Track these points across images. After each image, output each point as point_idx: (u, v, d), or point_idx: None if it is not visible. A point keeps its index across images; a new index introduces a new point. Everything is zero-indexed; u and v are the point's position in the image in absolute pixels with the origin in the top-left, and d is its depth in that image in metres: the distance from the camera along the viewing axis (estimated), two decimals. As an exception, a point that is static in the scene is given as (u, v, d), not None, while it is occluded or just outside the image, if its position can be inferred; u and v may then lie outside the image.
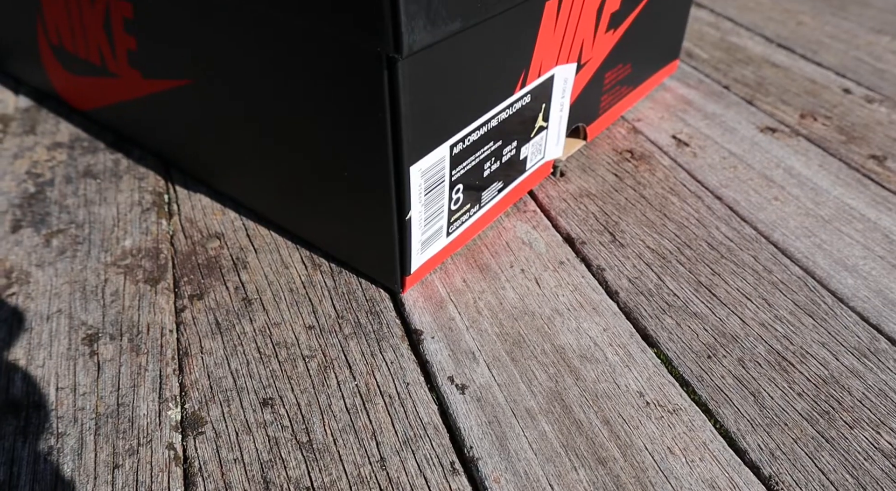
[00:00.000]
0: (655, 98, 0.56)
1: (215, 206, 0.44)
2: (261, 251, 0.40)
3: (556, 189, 0.45)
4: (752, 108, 0.55)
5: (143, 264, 0.39)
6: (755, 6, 0.74)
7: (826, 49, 0.64)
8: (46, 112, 0.53)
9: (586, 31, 0.42)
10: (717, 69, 0.61)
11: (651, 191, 0.45)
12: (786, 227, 0.42)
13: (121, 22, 0.41)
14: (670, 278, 0.38)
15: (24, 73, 0.56)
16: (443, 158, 0.34)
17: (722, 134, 0.51)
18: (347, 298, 0.37)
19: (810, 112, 0.54)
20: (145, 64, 0.42)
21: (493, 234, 0.42)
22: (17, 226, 0.42)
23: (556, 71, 0.41)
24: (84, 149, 0.49)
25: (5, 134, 0.51)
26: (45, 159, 0.48)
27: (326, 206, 0.37)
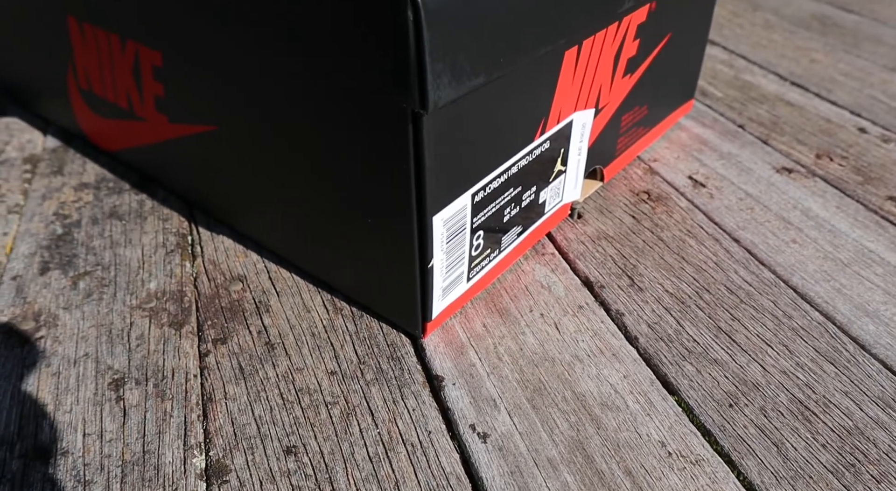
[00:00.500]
0: (671, 138, 0.57)
1: (238, 248, 0.44)
2: (283, 294, 0.40)
3: (574, 231, 0.46)
4: (767, 148, 0.55)
5: (167, 307, 0.39)
6: (768, 43, 0.75)
7: (840, 87, 0.65)
8: (73, 152, 0.55)
9: (604, 77, 0.42)
10: (732, 108, 0.61)
11: (668, 233, 0.46)
12: (805, 270, 0.42)
13: (150, 69, 0.42)
14: (690, 323, 0.39)
15: (52, 114, 0.57)
16: (464, 207, 0.35)
17: (738, 174, 0.52)
18: (369, 343, 0.37)
19: (826, 152, 0.54)
20: (172, 109, 0.43)
21: (513, 278, 0.42)
22: (45, 268, 0.42)
23: (575, 117, 0.41)
24: (110, 189, 0.50)
25: (34, 174, 0.52)
26: (72, 200, 0.49)
27: (348, 252, 0.37)
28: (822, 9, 0.85)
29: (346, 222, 0.36)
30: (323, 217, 0.38)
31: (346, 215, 0.36)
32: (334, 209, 0.36)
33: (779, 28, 0.79)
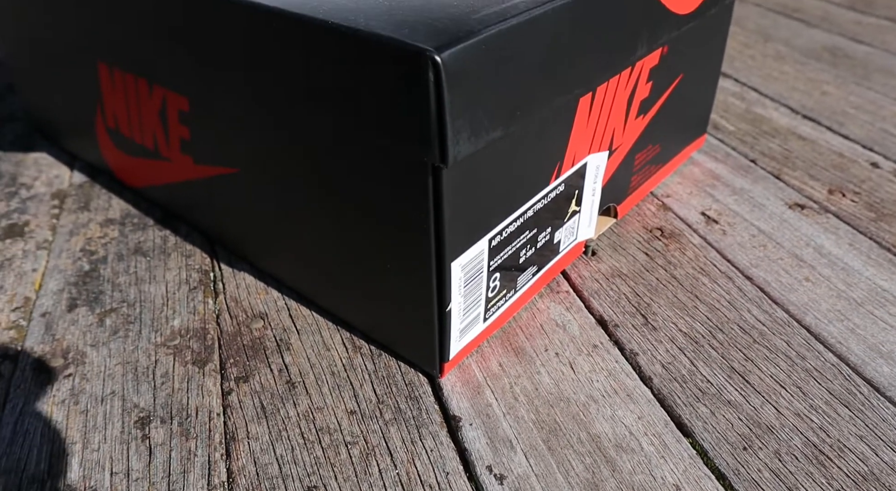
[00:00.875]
0: (684, 173, 0.57)
1: (259, 285, 0.45)
2: (303, 332, 0.41)
3: (588, 269, 0.47)
4: (779, 184, 0.56)
5: (191, 345, 0.40)
6: (779, 75, 0.76)
7: (852, 120, 0.65)
8: (99, 188, 0.56)
9: (617, 120, 0.43)
10: (744, 142, 0.62)
11: (682, 271, 0.46)
12: (818, 310, 0.43)
13: (176, 114, 0.44)
14: (703, 364, 0.39)
15: (79, 150, 0.59)
16: (482, 251, 0.35)
17: (751, 211, 0.52)
18: (387, 382, 0.38)
19: (838, 187, 0.55)
20: (197, 151, 0.44)
21: (528, 316, 0.43)
22: (73, 305, 0.44)
23: (589, 159, 0.42)
24: (134, 225, 0.51)
25: (61, 210, 0.53)
26: (98, 236, 0.50)
27: (367, 293, 0.38)
28: (833, 40, 0.85)
29: (365, 265, 0.37)
30: (342, 259, 0.39)
31: (366, 259, 0.37)
32: (354, 253, 0.37)
33: (790, 59, 0.80)
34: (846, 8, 0.97)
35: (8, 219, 0.52)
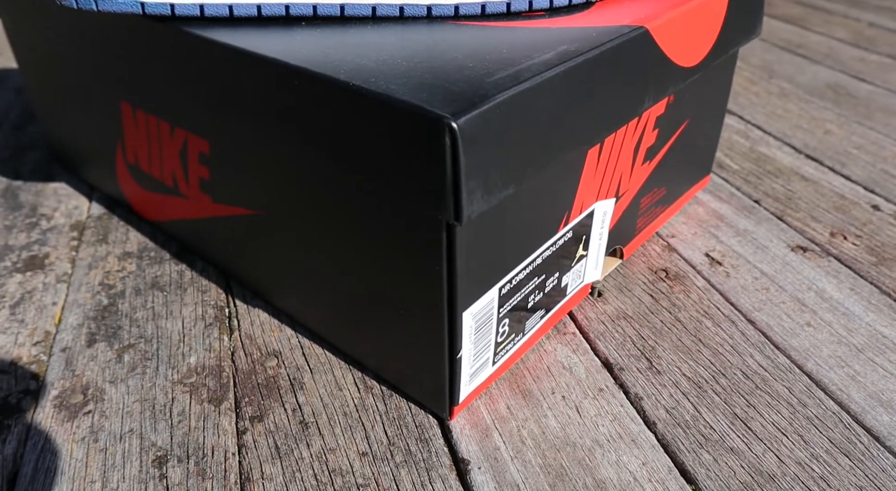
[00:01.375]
0: (689, 212, 0.59)
1: (273, 322, 0.46)
2: (316, 371, 0.42)
3: (594, 310, 0.48)
4: (782, 225, 0.57)
5: (207, 383, 0.42)
6: (783, 113, 0.77)
7: (854, 161, 0.67)
8: (117, 220, 0.58)
9: (624, 167, 0.45)
10: (748, 182, 0.63)
11: (686, 314, 0.47)
12: (819, 356, 0.43)
13: (196, 155, 0.45)
14: (706, 409, 0.40)
15: (98, 182, 0.61)
16: (492, 300, 0.37)
17: (754, 252, 0.53)
18: (398, 424, 0.39)
19: (840, 230, 0.56)
20: (215, 191, 0.46)
21: (535, 358, 0.44)
22: (92, 340, 0.45)
23: (597, 206, 0.43)
24: (151, 259, 0.53)
25: (80, 242, 0.55)
26: (116, 269, 0.51)
27: (379, 336, 0.39)
28: (836, 77, 0.87)
29: (378, 310, 0.38)
30: (356, 302, 0.40)
31: (379, 304, 0.38)
32: (367, 297, 0.39)
33: (794, 97, 0.81)
34: (850, 44, 0.99)
35: (29, 251, 0.54)
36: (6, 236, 0.56)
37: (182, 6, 0.39)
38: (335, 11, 0.40)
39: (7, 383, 0.42)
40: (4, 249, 0.54)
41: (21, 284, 0.50)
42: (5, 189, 0.62)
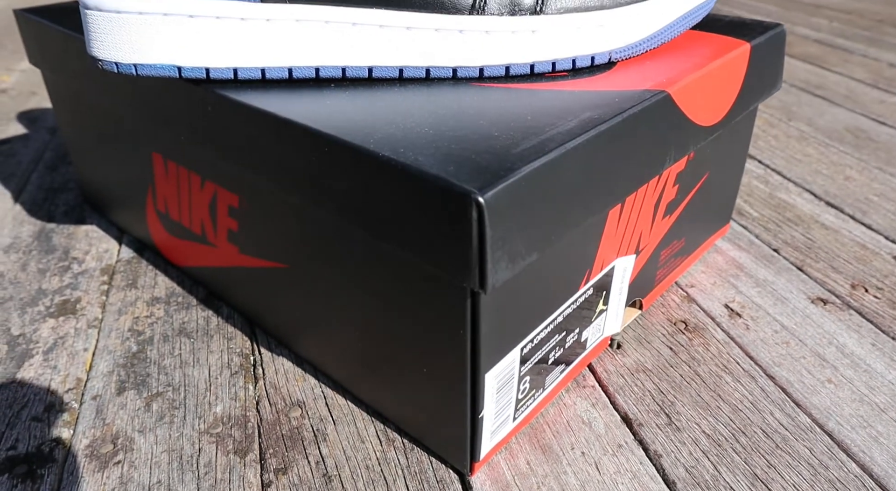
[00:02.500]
0: (708, 261, 0.59)
1: (297, 371, 0.47)
2: (339, 422, 0.43)
3: (613, 363, 0.48)
4: (802, 276, 0.57)
5: (232, 433, 0.42)
6: (803, 157, 0.78)
7: (875, 209, 0.67)
8: (146, 264, 0.59)
9: (644, 224, 0.45)
10: (768, 230, 0.64)
11: (705, 368, 0.47)
12: (840, 415, 0.43)
13: (226, 208, 0.47)
14: (726, 469, 0.40)
15: (127, 225, 0.62)
16: (514, 360, 0.37)
17: (773, 304, 0.53)
18: (419, 479, 0.40)
19: (861, 282, 0.56)
20: (243, 243, 0.47)
21: (555, 412, 0.44)
22: (122, 388, 0.46)
23: (617, 263, 0.44)
24: (178, 304, 0.54)
25: (110, 286, 0.56)
26: (145, 315, 0.53)
27: (402, 390, 0.40)
28: (856, 120, 0.87)
29: (400, 366, 0.39)
30: (379, 358, 0.40)
31: (402, 360, 0.39)
32: (390, 353, 0.39)
33: (813, 141, 0.82)
34: (869, 85, 0.99)
35: (61, 295, 0.55)
36: (40, 280, 0.57)
37: (217, 70, 0.40)
38: (363, 74, 0.41)
39: (41, 431, 0.43)
40: (39, 294, 0.55)
41: (54, 330, 0.51)
42: (39, 232, 0.64)
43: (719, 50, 0.46)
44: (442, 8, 0.40)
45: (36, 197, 0.71)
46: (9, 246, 0.62)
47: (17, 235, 0.64)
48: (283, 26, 0.40)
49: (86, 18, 0.40)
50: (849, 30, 1.30)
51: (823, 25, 1.33)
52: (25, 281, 0.57)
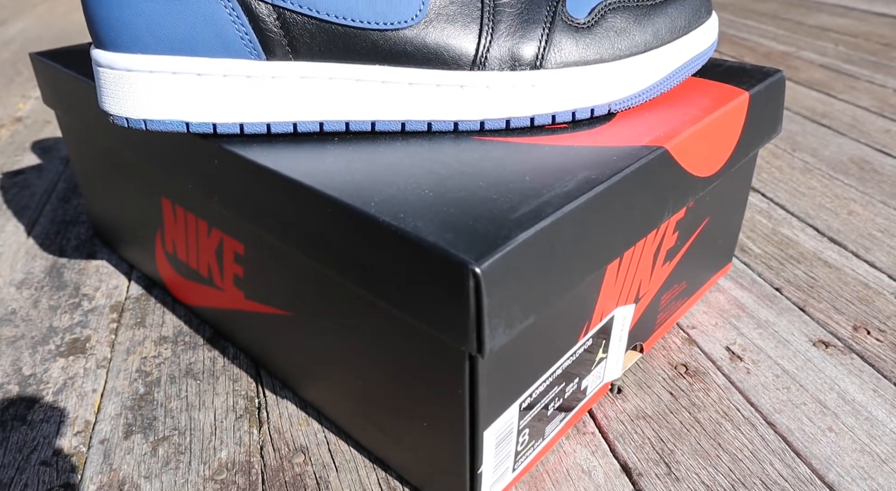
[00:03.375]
0: (710, 301, 0.59)
1: (300, 415, 0.48)
2: (341, 470, 0.44)
3: (613, 408, 0.48)
4: (804, 317, 0.57)
5: (236, 480, 0.43)
6: (807, 190, 0.78)
7: (878, 246, 0.67)
8: (154, 302, 0.60)
9: (644, 272, 0.46)
10: (770, 267, 0.64)
11: (705, 414, 0.48)
12: (841, 465, 0.44)
13: (232, 254, 0.48)
14: (726, 521, 0.40)
15: (137, 262, 0.63)
16: (513, 416, 0.38)
17: (775, 347, 0.54)
18: (419, 530, 0.40)
19: (863, 324, 0.56)
20: (249, 289, 0.48)
21: (555, 460, 0.44)
22: (129, 431, 0.47)
23: (616, 312, 0.44)
24: (185, 344, 0.55)
25: (119, 325, 0.57)
26: (152, 355, 0.54)
27: (403, 441, 0.41)
28: (861, 151, 0.87)
29: (402, 417, 0.40)
30: (381, 408, 0.41)
31: (403, 412, 0.39)
32: (391, 405, 0.40)
33: (817, 173, 0.82)
34: (875, 113, 1.00)
35: (71, 333, 0.56)
36: (51, 317, 0.58)
37: (223, 125, 0.41)
38: (366, 127, 0.42)
39: (49, 476, 0.44)
40: (50, 332, 0.57)
41: (64, 370, 0.52)
42: (51, 267, 0.65)
43: (718, 100, 0.46)
44: (443, 64, 0.41)
45: (48, 230, 0.72)
46: (21, 282, 0.63)
47: (29, 271, 0.65)
48: (288, 83, 0.41)
49: (98, 75, 0.41)
50: (855, 54, 1.30)
51: (829, 49, 1.33)
52: (37, 318, 0.58)
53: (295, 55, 0.40)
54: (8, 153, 0.91)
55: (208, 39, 0.40)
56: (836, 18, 1.60)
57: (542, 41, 0.42)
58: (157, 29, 0.39)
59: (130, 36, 0.40)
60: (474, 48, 0.41)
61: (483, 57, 0.42)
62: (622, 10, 0.45)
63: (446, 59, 0.41)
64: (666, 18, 0.46)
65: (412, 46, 0.41)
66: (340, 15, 0.39)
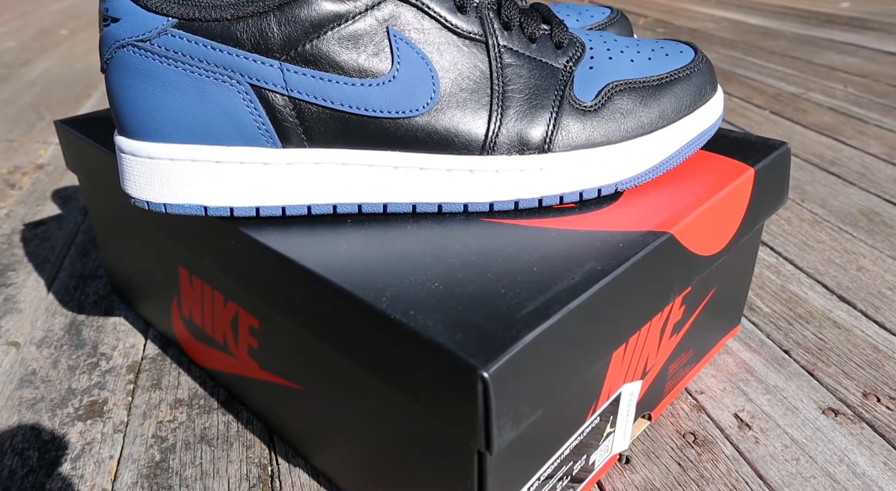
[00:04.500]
0: (718, 364, 0.60)
1: (313, 484, 0.49)
2: (352, 545, 0.44)
3: (622, 480, 0.49)
4: (813, 382, 0.57)
5: (249, 555, 0.44)
6: (815, 244, 0.78)
7: (888, 304, 0.67)
8: (170, 362, 0.61)
9: (651, 348, 0.46)
10: (779, 328, 0.64)
11: (713, 487, 0.48)
12: (849, 545, 0.44)
13: (246, 327, 0.49)
14: None
15: (153, 320, 0.65)
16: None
17: (784, 415, 0.54)
18: None
19: (873, 390, 0.56)
20: (263, 360, 0.49)
21: (564, 536, 0.45)
22: (144, 502, 0.48)
23: (624, 389, 0.45)
24: (200, 407, 0.56)
25: (136, 387, 0.59)
26: (168, 419, 0.55)
27: (414, 520, 0.41)
28: (870, 201, 0.88)
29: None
30: (392, 485, 0.42)
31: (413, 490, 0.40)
32: (402, 483, 0.41)
33: (826, 226, 0.82)
34: (884, 161, 1.00)
35: (90, 395, 0.58)
36: (70, 378, 0.60)
37: (240, 209, 0.43)
38: (378, 209, 0.44)
39: (65, 550, 0.44)
40: (68, 394, 0.58)
41: (82, 434, 0.54)
42: (70, 324, 0.67)
43: (723, 177, 0.47)
44: (453, 149, 0.43)
45: (68, 285, 0.74)
46: (42, 340, 0.65)
47: (49, 328, 0.67)
48: (302, 169, 0.42)
49: (121, 160, 0.43)
50: (864, 96, 1.31)
51: (838, 91, 1.34)
52: (56, 379, 0.60)
53: (310, 142, 0.42)
54: (29, 203, 0.93)
55: (227, 129, 0.41)
56: (844, 57, 1.61)
57: (550, 125, 0.43)
58: (178, 120, 0.41)
59: (152, 126, 0.41)
60: (484, 133, 0.42)
61: (492, 142, 0.43)
62: (628, 91, 0.46)
63: (456, 145, 0.42)
64: (672, 98, 0.47)
65: (423, 133, 0.42)
66: (353, 105, 0.41)
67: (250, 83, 0.40)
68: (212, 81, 0.40)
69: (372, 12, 0.40)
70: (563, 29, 0.46)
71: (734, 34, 1.93)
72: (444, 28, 0.42)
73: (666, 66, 0.48)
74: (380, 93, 0.41)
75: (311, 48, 0.40)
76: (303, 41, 0.40)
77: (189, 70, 0.40)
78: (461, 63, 0.42)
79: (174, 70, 0.40)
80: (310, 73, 0.40)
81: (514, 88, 0.43)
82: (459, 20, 0.42)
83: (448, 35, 0.42)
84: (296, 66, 0.40)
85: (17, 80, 1.56)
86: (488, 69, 0.43)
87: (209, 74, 0.40)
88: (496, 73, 0.43)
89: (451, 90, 0.42)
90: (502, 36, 0.44)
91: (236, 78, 0.40)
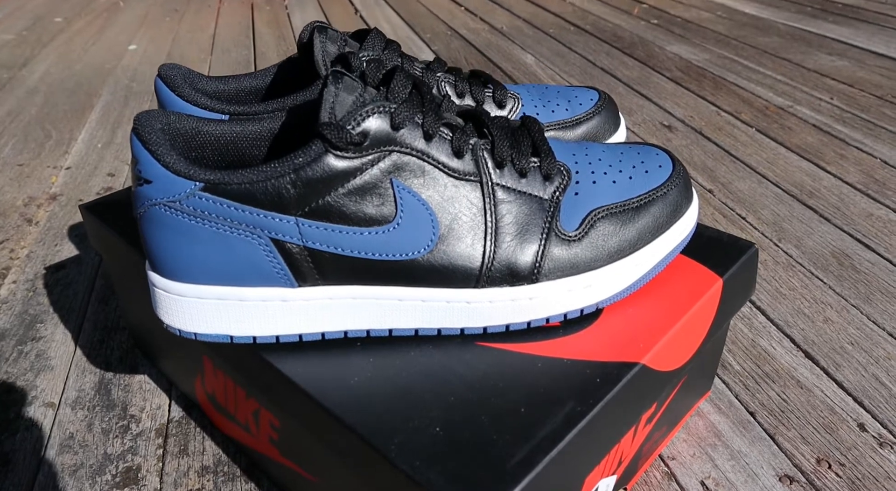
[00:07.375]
0: (690, 427, 0.66)
1: (328, 555, 0.56)
2: None
3: (600, 550, 0.56)
4: (773, 447, 0.64)
5: None
6: (787, 292, 0.84)
7: (847, 361, 0.73)
8: (194, 426, 0.67)
9: (625, 445, 0.53)
10: (747, 388, 0.70)
11: (679, 558, 0.55)
12: None
13: (267, 422, 0.55)
14: None
15: (176, 381, 0.71)
16: None
17: (745, 482, 0.61)
18: None
19: (826, 456, 0.63)
20: (283, 449, 0.55)
21: None
22: (182, 575, 0.55)
23: (601, 484, 0.52)
24: (225, 474, 0.62)
25: (165, 452, 0.65)
26: (196, 488, 0.61)
27: None
28: (842, 242, 0.93)
29: None
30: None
31: None
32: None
33: (799, 270, 0.88)
34: (860, 191, 1.05)
35: (124, 461, 0.64)
36: (105, 443, 0.66)
37: (262, 337, 0.48)
38: (384, 334, 0.49)
39: None
40: (105, 460, 0.64)
41: (121, 505, 0.60)
42: (99, 383, 0.73)
43: (693, 292, 0.52)
44: (451, 283, 0.48)
45: (93, 338, 0.79)
46: (75, 401, 0.71)
47: (80, 388, 0.72)
48: (318, 303, 0.48)
49: (154, 293, 0.48)
50: (848, 111, 1.34)
51: (824, 106, 1.37)
52: (92, 444, 0.66)
53: (323, 280, 0.47)
54: (47, 242, 0.98)
55: (249, 273, 0.46)
56: (834, 60, 1.64)
57: (538, 255, 0.49)
58: (205, 266, 0.46)
59: (182, 269, 0.46)
60: (478, 268, 0.48)
61: (486, 275, 0.48)
62: (609, 216, 0.51)
63: (454, 279, 0.48)
64: (649, 218, 0.52)
65: (424, 271, 0.47)
66: (362, 251, 0.46)
67: (270, 237, 0.45)
68: (235, 236, 0.45)
69: (377, 165, 0.45)
70: (551, 161, 0.51)
71: (728, 28, 1.94)
72: (443, 173, 0.47)
73: (645, 185, 0.53)
74: (385, 239, 0.46)
75: (323, 203, 0.45)
76: (315, 198, 0.44)
77: (215, 227, 0.45)
78: (458, 202, 0.47)
79: (201, 227, 0.45)
80: (322, 226, 0.45)
81: (505, 222, 0.48)
82: (456, 163, 0.47)
83: (446, 178, 0.47)
84: (309, 220, 0.45)
85: (19, 87, 1.57)
86: (482, 205, 0.48)
87: (233, 231, 0.45)
88: (489, 209, 0.48)
89: (448, 229, 0.47)
90: (495, 173, 0.49)
91: (257, 233, 0.45)
